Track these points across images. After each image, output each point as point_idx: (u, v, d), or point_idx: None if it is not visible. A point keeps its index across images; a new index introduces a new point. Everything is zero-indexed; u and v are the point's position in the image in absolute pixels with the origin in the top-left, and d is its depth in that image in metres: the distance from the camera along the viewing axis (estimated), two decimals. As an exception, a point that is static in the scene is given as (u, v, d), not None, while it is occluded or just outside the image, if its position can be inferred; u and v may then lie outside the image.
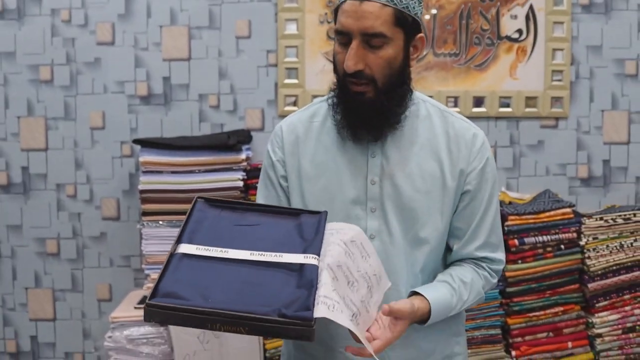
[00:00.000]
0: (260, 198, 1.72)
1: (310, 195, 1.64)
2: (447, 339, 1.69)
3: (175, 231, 2.75)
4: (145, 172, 2.86)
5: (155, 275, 2.81)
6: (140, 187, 2.85)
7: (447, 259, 1.69)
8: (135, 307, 2.84)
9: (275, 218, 1.49)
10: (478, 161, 1.62)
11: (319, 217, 1.50)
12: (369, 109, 1.55)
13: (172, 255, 1.35)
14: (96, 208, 3.17)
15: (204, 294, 1.26)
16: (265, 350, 2.81)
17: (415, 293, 1.56)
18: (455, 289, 1.59)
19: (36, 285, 3.22)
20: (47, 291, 3.22)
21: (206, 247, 1.37)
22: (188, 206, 3.07)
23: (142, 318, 2.94)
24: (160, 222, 2.83)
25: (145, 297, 2.88)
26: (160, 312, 1.24)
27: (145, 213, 2.86)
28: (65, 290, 3.22)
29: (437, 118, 1.65)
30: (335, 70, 1.60)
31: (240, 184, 2.83)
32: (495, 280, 1.69)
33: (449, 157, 1.61)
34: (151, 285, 2.80)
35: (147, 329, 2.79)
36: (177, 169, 2.83)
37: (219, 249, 1.37)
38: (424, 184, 1.60)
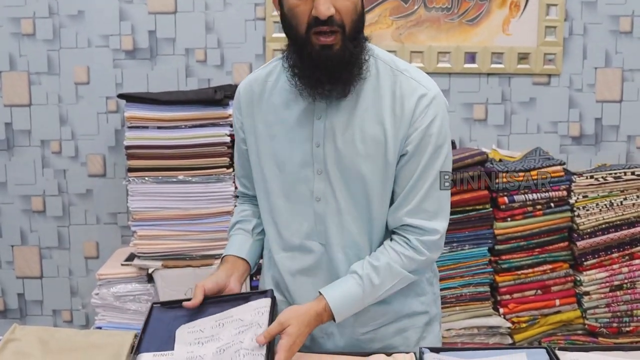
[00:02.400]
0: (235, 158, 1.79)
1: (264, 156, 1.64)
2: (403, 299, 1.65)
3: (161, 187, 2.75)
4: (130, 128, 2.80)
5: (141, 232, 2.79)
6: (126, 142, 2.79)
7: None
8: (122, 264, 2.82)
9: (225, 307, 1.57)
10: (420, 122, 1.53)
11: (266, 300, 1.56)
12: (338, 61, 1.49)
13: None
14: (82, 164, 3.13)
15: None
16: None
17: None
18: (362, 277, 1.54)
19: (22, 242, 3.19)
20: (34, 249, 3.20)
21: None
22: (174, 162, 3.02)
23: (129, 275, 2.92)
24: (147, 178, 2.78)
25: (132, 255, 2.87)
26: None
27: (131, 169, 2.81)
28: (51, 248, 3.19)
29: (386, 77, 1.57)
30: (291, 29, 1.51)
31: (227, 139, 2.79)
32: (424, 258, 1.57)
33: (393, 120, 1.54)
34: (138, 242, 2.79)
35: (134, 286, 2.79)
36: (163, 124, 2.78)
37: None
38: (365, 148, 1.54)
